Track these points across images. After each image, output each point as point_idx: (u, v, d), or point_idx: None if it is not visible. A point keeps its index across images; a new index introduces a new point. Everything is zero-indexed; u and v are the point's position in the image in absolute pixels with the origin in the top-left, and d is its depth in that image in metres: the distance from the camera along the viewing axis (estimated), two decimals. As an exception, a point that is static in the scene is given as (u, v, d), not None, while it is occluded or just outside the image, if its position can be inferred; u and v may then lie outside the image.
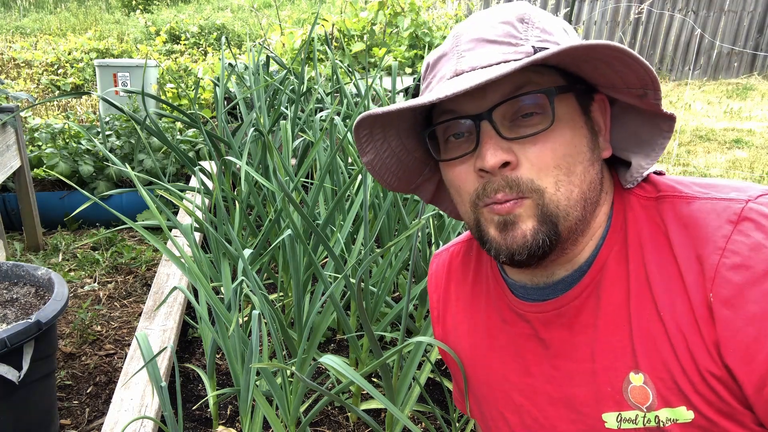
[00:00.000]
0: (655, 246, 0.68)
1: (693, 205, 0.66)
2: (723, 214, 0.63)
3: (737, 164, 4.95)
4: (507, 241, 0.69)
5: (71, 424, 1.71)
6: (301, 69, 2.95)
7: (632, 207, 0.71)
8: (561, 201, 0.67)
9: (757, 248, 0.60)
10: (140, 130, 2.45)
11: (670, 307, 0.65)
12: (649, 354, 0.66)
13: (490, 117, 0.66)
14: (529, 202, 0.67)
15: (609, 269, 0.71)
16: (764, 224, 0.61)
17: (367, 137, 0.76)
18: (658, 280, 0.66)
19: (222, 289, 1.88)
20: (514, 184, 0.66)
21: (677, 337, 0.64)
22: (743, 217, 0.62)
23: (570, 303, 0.73)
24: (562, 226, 0.68)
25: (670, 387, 0.65)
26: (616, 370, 0.69)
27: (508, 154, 0.66)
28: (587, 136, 0.69)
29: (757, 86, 8.35)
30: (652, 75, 0.62)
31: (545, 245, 0.67)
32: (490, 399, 0.87)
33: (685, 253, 0.64)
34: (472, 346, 0.89)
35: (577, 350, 0.73)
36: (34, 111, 5.27)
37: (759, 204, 0.63)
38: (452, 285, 0.94)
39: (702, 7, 8.76)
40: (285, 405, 1.39)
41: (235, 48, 7.91)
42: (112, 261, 2.76)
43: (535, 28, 0.68)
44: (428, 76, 0.75)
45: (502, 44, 0.67)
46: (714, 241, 0.62)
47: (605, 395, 0.70)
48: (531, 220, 0.67)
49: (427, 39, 4.60)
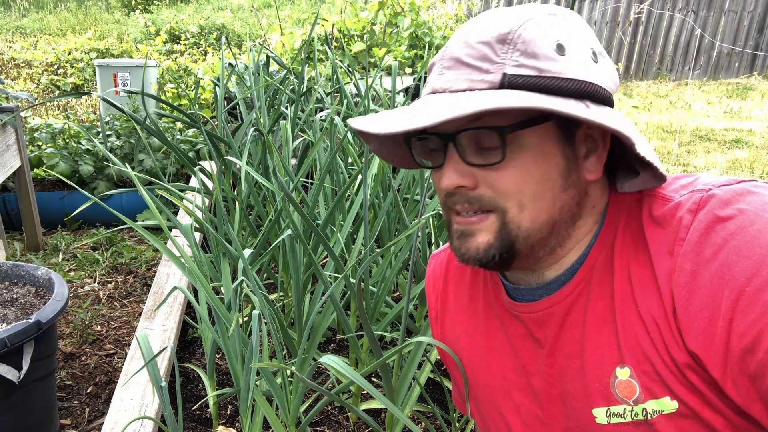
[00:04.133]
0: (636, 245, 0.69)
1: (669, 203, 0.67)
2: (686, 204, 0.65)
3: (737, 164, 4.95)
4: (461, 250, 0.72)
5: (71, 424, 1.71)
6: (301, 69, 2.95)
7: (624, 207, 0.73)
8: (523, 223, 0.68)
9: (706, 233, 0.62)
10: (140, 130, 2.45)
11: (646, 301, 0.66)
12: (632, 348, 0.68)
13: (454, 140, 0.67)
14: (492, 218, 0.69)
15: (598, 268, 0.72)
16: (716, 208, 0.62)
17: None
18: (637, 277, 0.68)
19: (222, 289, 1.88)
20: (475, 200, 0.69)
21: (654, 330, 0.66)
22: (701, 206, 0.63)
23: (561, 302, 0.74)
24: (520, 245, 0.69)
25: (654, 379, 0.66)
26: (604, 366, 0.70)
27: (465, 178, 0.68)
28: (560, 163, 0.68)
29: (757, 86, 8.35)
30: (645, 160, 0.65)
31: (496, 259, 0.70)
32: (489, 399, 0.87)
33: (658, 248, 0.66)
34: (471, 346, 0.89)
35: (567, 347, 0.75)
36: (34, 111, 5.27)
37: (720, 190, 0.64)
38: (450, 285, 0.94)
39: (702, 7, 8.76)
40: (285, 405, 1.39)
41: (235, 48, 7.91)
42: (112, 261, 2.76)
43: (515, 50, 0.63)
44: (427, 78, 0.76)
45: (472, 69, 0.65)
46: (677, 233, 0.64)
47: (594, 391, 0.72)
48: (487, 234, 0.69)
49: (427, 39, 4.60)
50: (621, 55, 8.85)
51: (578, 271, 0.73)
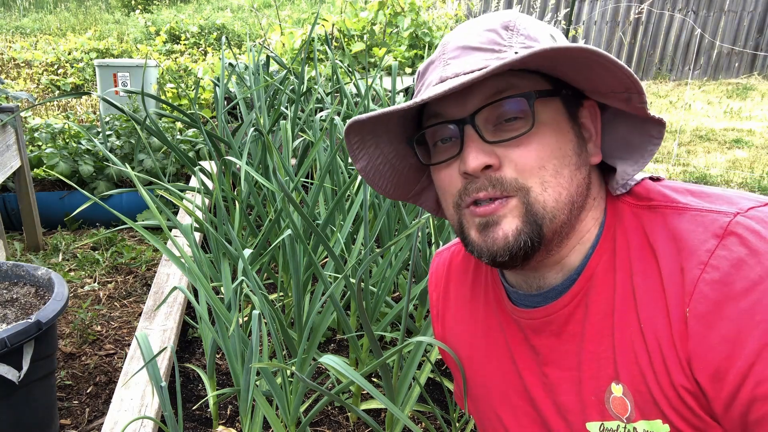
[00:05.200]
0: (642, 257, 0.67)
1: (683, 217, 0.65)
2: (710, 227, 0.62)
3: (737, 164, 4.95)
4: (488, 243, 0.69)
5: (71, 424, 1.71)
6: (301, 69, 2.95)
7: (623, 216, 0.71)
8: (548, 202, 0.67)
9: (738, 265, 0.59)
10: (140, 130, 2.45)
11: (651, 320, 0.64)
12: (628, 365, 0.66)
13: (472, 121, 0.67)
14: (514, 202, 0.67)
15: (597, 279, 0.71)
16: (749, 240, 0.59)
17: (358, 144, 0.77)
18: (642, 292, 0.66)
19: (222, 289, 1.88)
20: (497, 183, 0.67)
21: (655, 350, 0.64)
22: (729, 232, 0.60)
23: (559, 311, 0.74)
24: (547, 228, 0.68)
25: (647, 399, 0.65)
26: (600, 380, 0.70)
27: (489, 157, 0.67)
28: (573, 140, 0.69)
29: (757, 86, 8.35)
30: (632, 78, 0.62)
31: (527, 247, 0.67)
32: (487, 399, 0.88)
33: (670, 265, 0.64)
34: (471, 346, 0.90)
35: (564, 358, 0.74)
36: (34, 111, 5.27)
37: (747, 218, 0.61)
38: (452, 284, 0.94)
39: (702, 7, 8.76)
40: (285, 405, 1.39)
41: (235, 48, 7.91)
42: (112, 261, 2.76)
43: (519, 35, 0.68)
44: (419, 84, 0.76)
45: (485, 51, 0.67)
46: (698, 255, 0.61)
47: (589, 404, 0.71)
48: (515, 220, 0.67)
49: (427, 39, 4.60)
50: (621, 55, 8.85)
51: (576, 281, 0.72)
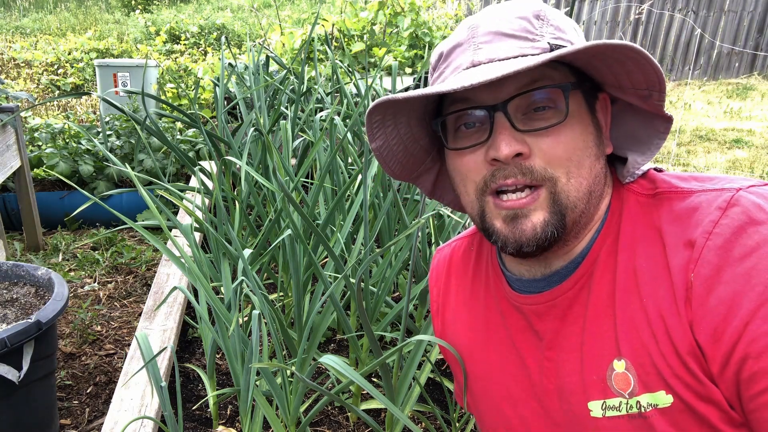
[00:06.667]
0: (646, 240, 0.69)
1: (688, 199, 0.68)
2: (714, 202, 0.65)
3: (737, 164, 4.95)
4: (515, 234, 0.70)
5: (71, 424, 1.71)
6: (301, 69, 2.95)
7: (628, 203, 0.73)
8: (571, 192, 0.69)
9: (738, 232, 0.62)
10: (140, 130, 2.45)
11: (653, 293, 0.67)
12: (630, 340, 0.68)
13: (505, 108, 0.68)
14: (544, 193, 0.69)
15: (600, 262, 0.73)
16: (751, 210, 0.63)
17: (378, 123, 0.77)
18: (645, 270, 0.68)
19: (222, 289, 1.88)
20: (527, 171, 0.68)
21: (657, 321, 0.66)
22: (732, 204, 0.64)
23: (563, 295, 0.75)
24: (569, 217, 0.70)
25: (650, 371, 0.66)
26: (601, 359, 0.71)
27: (521, 145, 0.67)
28: (593, 132, 0.71)
29: (757, 86, 8.35)
30: (660, 77, 0.64)
31: (553, 237, 0.69)
32: (487, 392, 0.88)
33: (674, 241, 0.66)
34: (471, 340, 0.90)
35: (567, 341, 0.75)
36: (34, 111, 5.27)
37: (749, 192, 0.65)
38: (452, 279, 0.95)
39: (702, 7, 8.76)
40: (285, 405, 1.39)
41: (235, 48, 7.91)
42: (112, 261, 2.76)
43: (549, 25, 0.70)
44: (440, 66, 0.76)
45: (519, 39, 0.68)
46: (703, 226, 0.64)
47: (591, 384, 0.72)
48: (543, 212, 0.69)
49: (427, 39, 4.60)
50: (621, 55, 8.84)
51: (581, 265, 0.74)
